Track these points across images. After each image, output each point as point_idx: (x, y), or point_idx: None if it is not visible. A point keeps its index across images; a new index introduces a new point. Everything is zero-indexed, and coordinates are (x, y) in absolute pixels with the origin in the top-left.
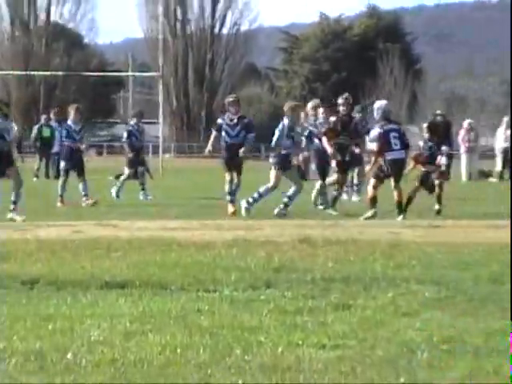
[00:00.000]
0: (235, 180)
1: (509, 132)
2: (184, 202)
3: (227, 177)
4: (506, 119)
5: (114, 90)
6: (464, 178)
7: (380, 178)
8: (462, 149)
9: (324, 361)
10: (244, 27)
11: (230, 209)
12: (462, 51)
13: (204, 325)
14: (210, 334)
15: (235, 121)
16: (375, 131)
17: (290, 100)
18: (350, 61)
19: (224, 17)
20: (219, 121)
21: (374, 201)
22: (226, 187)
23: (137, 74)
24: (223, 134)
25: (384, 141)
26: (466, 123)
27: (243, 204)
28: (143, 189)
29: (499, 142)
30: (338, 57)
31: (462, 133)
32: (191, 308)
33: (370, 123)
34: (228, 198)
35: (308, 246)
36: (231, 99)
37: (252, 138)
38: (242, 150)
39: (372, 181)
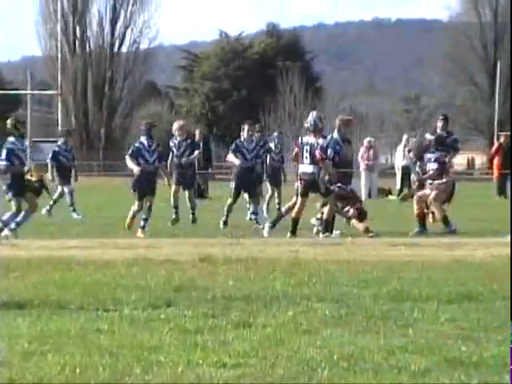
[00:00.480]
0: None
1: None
2: (84, 221)
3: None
4: (405, 137)
5: (12, 109)
6: (363, 195)
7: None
8: (362, 166)
9: (224, 379)
10: (144, 45)
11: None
12: (362, 69)
13: (103, 344)
14: (109, 353)
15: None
16: None
17: (190, 118)
18: (251, 79)
19: (123, 35)
20: (237, 142)
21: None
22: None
23: (35, 92)
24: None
25: (299, 153)
26: (365, 141)
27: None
28: (74, 209)
29: (398, 160)
30: (238, 75)
31: (362, 150)
32: (90, 327)
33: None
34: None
35: (208, 265)
36: (246, 126)
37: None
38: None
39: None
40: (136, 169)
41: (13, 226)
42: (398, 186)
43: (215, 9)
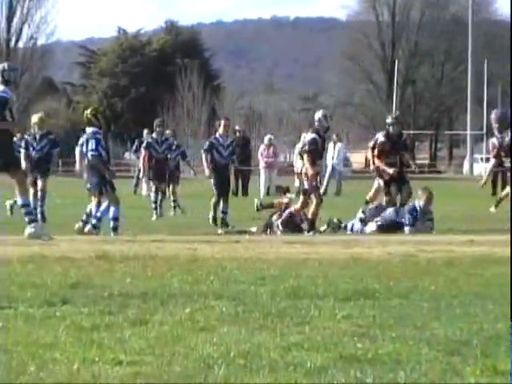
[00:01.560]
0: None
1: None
2: None
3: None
4: (303, 135)
5: None
6: (262, 193)
7: None
8: (261, 164)
9: (120, 377)
10: (41, 41)
11: None
12: (260, 67)
13: None
14: (3, 351)
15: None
16: None
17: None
18: (149, 76)
19: (20, 30)
20: (149, 140)
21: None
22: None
23: None
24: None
25: None
26: (265, 139)
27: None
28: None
29: (297, 159)
30: (136, 72)
31: (261, 148)
32: None
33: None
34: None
35: (105, 262)
36: (157, 122)
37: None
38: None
39: None
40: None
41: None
42: (297, 184)
43: (113, 5)
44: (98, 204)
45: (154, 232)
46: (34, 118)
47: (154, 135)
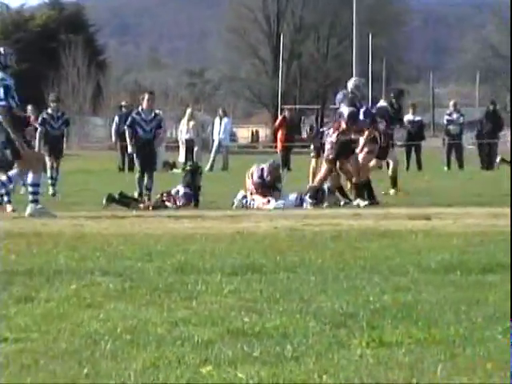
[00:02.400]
0: None
1: (192, 123)
2: None
3: None
4: (189, 111)
5: None
6: None
7: None
8: None
9: (6, 354)
10: None
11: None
12: (145, 43)
13: None
14: None
15: None
16: None
17: None
18: (32, 52)
19: None
20: (44, 115)
21: None
22: None
23: None
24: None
25: None
26: None
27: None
28: None
29: (182, 134)
30: (19, 48)
31: None
32: None
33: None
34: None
35: None
36: (51, 97)
37: None
38: None
39: None
40: None
41: None
42: (183, 159)
43: None
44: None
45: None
46: None
47: (49, 111)
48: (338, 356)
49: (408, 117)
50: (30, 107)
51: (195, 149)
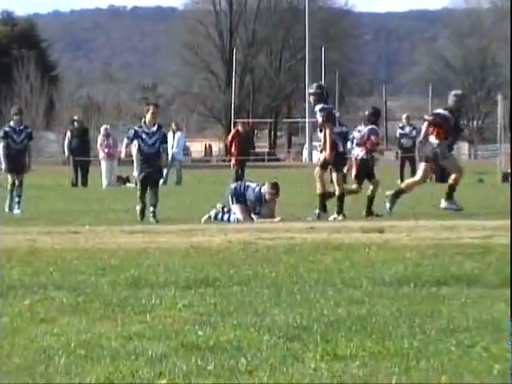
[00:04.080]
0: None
1: None
2: None
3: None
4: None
5: None
6: (104, 184)
7: None
8: (101, 155)
9: None
10: None
11: None
12: (98, 57)
13: None
14: None
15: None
16: None
17: None
18: None
19: None
20: (6, 129)
21: None
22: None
23: None
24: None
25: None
26: (102, 129)
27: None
28: None
29: (135, 148)
30: None
31: (100, 139)
32: None
33: None
34: None
35: None
36: (14, 110)
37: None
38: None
39: None
40: None
41: None
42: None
43: None
44: None
45: None
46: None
47: (11, 123)
48: (292, 369)
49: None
50: None
51: None
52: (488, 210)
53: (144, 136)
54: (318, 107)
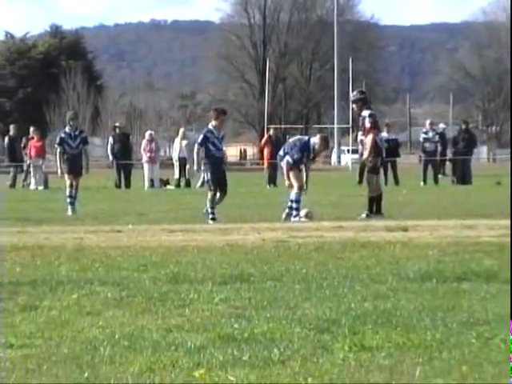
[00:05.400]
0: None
1: (185, 142)
2: None
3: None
4: (181, 130)
5: None
6: (146, 186)
7: None
8: (144, 158)
9: (12, 359)
10: None
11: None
12: (140, 68)
13: None
14: None
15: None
16: None
17: None
18: (35, 77)
19: None
20: (62, 135)
21: None
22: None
23: None
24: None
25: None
26: (147, 134)
27: None
28: None
29: (176, 152)
30: (23, 73)
31: (144, 144)
32: None
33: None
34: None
35: None
36: (69, 116)
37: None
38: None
39: None
40: None
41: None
42: (177, 176)
43: (0, 11)
44: None
45: (44, 224)
46: None
47: (66, 129)
48: (322, 360)
49: (383, 135)
50: (32, 128)
51: (187, 166)
52: (505, 210)
53: (216, 141)
54: (366, 112)
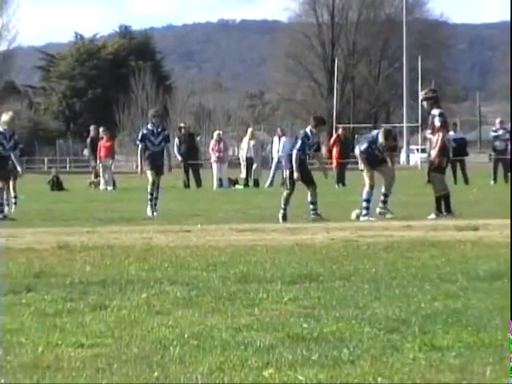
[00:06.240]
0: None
1: (253, 142)
2: None
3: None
4: (249, 130)
5: None
6: (215, 185)
7: None
8: (213, 158)
9: (82, 359)
10: (3, 47)
11: None
12: (209, 68)
13: None
14: None
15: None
16: None
17: (48, 114)
18: (105, 78)
19: None
20: (144, 131)
21: None
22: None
23: None
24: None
25: None
26: (215, 134)
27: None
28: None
29: (244, 152)
30: (93, 74)
31: (212, 143)
32: None
33: None
34: None
35: (67, 252)
36: (151, 112)
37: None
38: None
39: None
40: None
41: None
42: (244, 175)
43: (70, 12)
44: None
45: (113, 224)
46: (5, 117)
47: (149, 126)
48: (392, 359)
49: (451, 134)
50: (101, 129)
51: (254, 166)
52: None
53: (306, 148)
54: (436, 111)
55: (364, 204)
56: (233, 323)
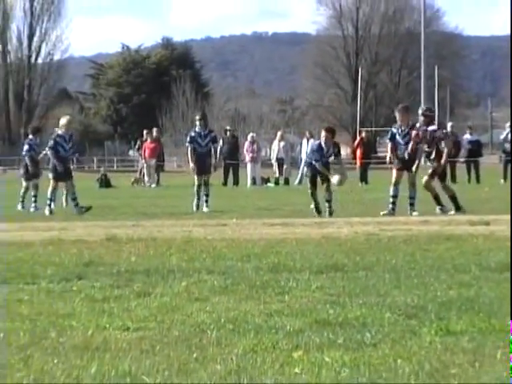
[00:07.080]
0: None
1: (283, 144)
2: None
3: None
4: (279, 133)
5: None
6: (249, 184)
7: None
8: (247, 158)
9: (128, 341)
10: (57, 57)
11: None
12: (243, 76)
13: (24, 312)
14: (29, 320)
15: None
16: None
17: (97, 118)
18: (149, 85)
19: (39, 48)
20: (192, 134)
21: None
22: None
23: None
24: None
25: None
26: (249, 137)
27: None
28: (35, 200)
29: (274, 153)
30: (138, 82)
31: (246, 145)
32: (13, 298)
33: None
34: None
35: (114, 243)
36: (197, 116)
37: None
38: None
39: None
40: None
41: None
42: (277, 175)
43: (118, 25)
44: None
45: (157, 218)
46: (63, 121)
47: (196, 129)
48: (411, 343)
49: (466, 137)
50: (145, 131)
51: (285, 166)
52: None
53: (317, 155)
54: (434, 127)
55: (410, 200)
56: (265, 309)
